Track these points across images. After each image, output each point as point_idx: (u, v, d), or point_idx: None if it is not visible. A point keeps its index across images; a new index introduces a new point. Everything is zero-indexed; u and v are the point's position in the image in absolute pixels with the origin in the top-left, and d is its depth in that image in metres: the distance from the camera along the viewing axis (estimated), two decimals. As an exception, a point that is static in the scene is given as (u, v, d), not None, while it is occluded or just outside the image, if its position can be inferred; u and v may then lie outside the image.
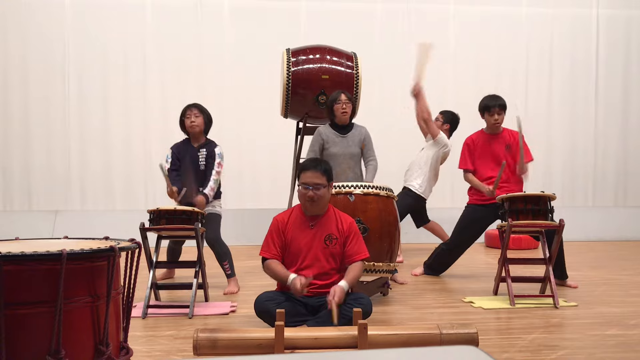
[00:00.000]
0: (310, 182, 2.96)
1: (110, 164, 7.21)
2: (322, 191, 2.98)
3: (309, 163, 3.07)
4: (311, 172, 2.98)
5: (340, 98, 4.30)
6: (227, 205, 6.18)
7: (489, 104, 4.40)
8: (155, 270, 3.59)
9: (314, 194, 2.96)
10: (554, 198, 3.77)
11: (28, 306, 1.62)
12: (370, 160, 4.46)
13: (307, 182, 2.97)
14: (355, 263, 2.98)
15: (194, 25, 7.33)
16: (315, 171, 2.98)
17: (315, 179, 2.97)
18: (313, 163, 3.05)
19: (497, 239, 6.03)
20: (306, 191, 2.97)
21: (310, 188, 2.96)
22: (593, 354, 2.64)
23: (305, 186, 2.98)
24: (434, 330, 2.39)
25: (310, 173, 2.98)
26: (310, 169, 3.00)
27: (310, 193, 2.96)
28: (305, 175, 2.99)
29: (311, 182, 2.96)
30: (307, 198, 2.97)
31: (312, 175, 2.97)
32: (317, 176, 2.97)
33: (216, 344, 2.30)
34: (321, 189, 2.97)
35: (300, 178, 3.03)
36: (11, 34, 7.08)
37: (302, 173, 3.02)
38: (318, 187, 2.96)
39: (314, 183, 2.96)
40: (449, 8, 7.70)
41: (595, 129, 7.98)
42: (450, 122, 5.42)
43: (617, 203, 8.00)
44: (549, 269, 3.75)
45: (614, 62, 7.98)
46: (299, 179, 3.04)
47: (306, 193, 2.97)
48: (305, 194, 2.97)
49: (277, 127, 6.68)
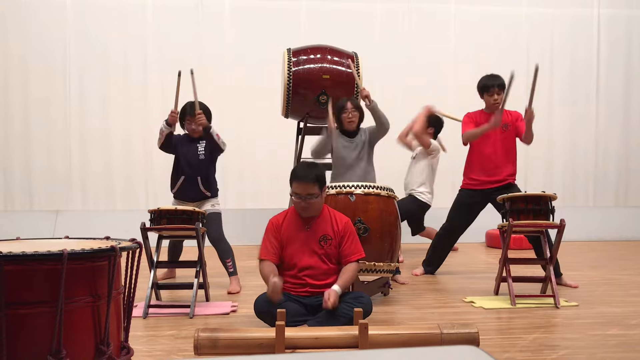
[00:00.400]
0: (302, 194, 2.94)
1: (111, 163, 7.21)
2: (315, 200, 2.96)
3: (300, 172, 2.99)
4: (303, 183, 2.93)
5: (346, 107, 4.23)
6: (227, 205, 6.19)
7: (488, 84, 4.40)
8: (156, 270, 3.59)
9: (307, 204, 2.95)
10: (555, 198, 3.77)
11: (29, 306, 1.62)
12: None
13: (300, 194, 2.94)
14: (350, 265, 2.97)
15: (195, 26, 7.33)
16: (307, 182, 2.93)
17: (307, 190, 2.93)
18: (305, 172, 2.97)
19: (497, 238, 6.03)
20: (299, 201, 2.96)
21: (304, 199, 2.94)
22: (594, 353, 2.64)
23: (297, 197, 2.96)
24: (434, 330, 2.39)
25: (302, 184, 2.93)
26: (302, 179, 2.94)
27: (303, 204, 2.95)
28: (297, 186, 2.95)
29: (304, 193, 2.93)
30: (300, 207, 2.97)
31: (304, 186, 2.93)
32: (309, 187, 2.93)
33: (217, 344, 2.31)
34: (314, 198, 2.95)
35: (292, 186, 2.98)
36: (11, 34, 7.08)
37: (293, 181, 2.97)
38: (310, 197, 2.94)
39: (306, 194, 2.93)
40: (449, 8, 7.70)
41: (596, 129, 7.98)
42: (435, 125, 5.48)
43: (618, 203, 7.99)
44: (549, 269, 3.74)
45: (614, 62, 7.97)
46: (291, 186, 3.00)
47: (299, 202, 2.95)
48: (299, 203, 2.96)
49: (277, 127, 6.68)
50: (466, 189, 4.52)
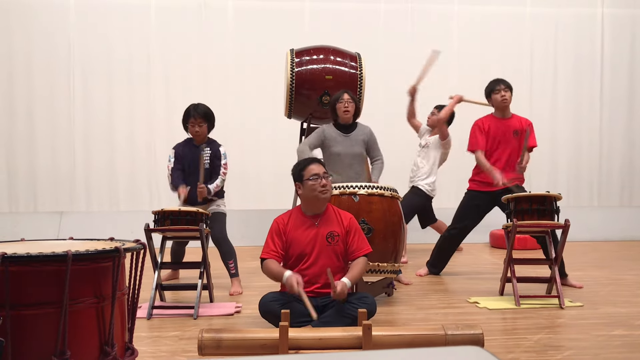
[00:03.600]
0: (320, 172, 3.02)
1: (115, 165, 7.23)
2: (330, 179, 3.07)
3: (307, 159, 3.18)
4: (315, 164, 3.07)
5: (342, 97, 4.25)
6: (231, 206, 6.17)
7: (494, 85, 4.45)
8: (160, 271, 3.60)
9: (327, 182, 3.02)
10: (559, 198, 3.76)
11: (34, 307, 1.63)
12: (376, 160, 4.40)
13: (318, 173, 3.01)
14: (359, 259, 2.99)
15: (198, 26, 7.34)
16: (318, 163, 3.09)
17: (323, 168, 3.08)
18: (309, 159, 3.17)
19: (502, 239, 6.01)
20: (318, 181, 2.99)
21: (322, 177, 3.00)
22: (599, 354, 2.63)
23: (316, 177, 3.00)
24: (439, 331, 2.39)
25: (314, 165, 3.06)
26: (312, 162, 3.09)
27: (324, 181, 3.00)
28: (311, 168, 3.04)
29: (321, 171, 3.04)
30: (322, 187, 3.00)
31: (318, 166, 3.07)
32: (321, 167, 3.08)
33: (221, 345, 2.31)
34: (329, 177, 3.08)
35: (305, 174, 3.03)
36: (16, 34, 7.09)
37: (305, 169, 3.05)
38: (327, 175, 3.06)
39: (323, 172, 3.04)
40: (452, 8, 7.69)
41: (600, 129, 7.94)
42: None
43: (623, 203, 7.96)
44: (554, 269, 3.73)
45: (619, 62, 7.94)
46: (302, 177, 3.04)
47: (319, 183, 3.00)
48: (319, 185, 3.00)
49: (280, 127, 6.68)
50: (473, 191, 4.51)
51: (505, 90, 4.38)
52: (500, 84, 4.42)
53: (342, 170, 4.22)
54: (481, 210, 4.49)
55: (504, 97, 4.37)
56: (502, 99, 4.37)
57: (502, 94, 4.37)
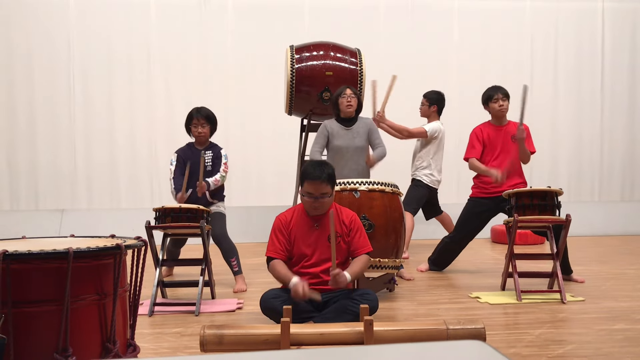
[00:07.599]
0: (315, 193, 2.92)
1: (116, 162, 7.23)
2: (327, 199, 2.96)
3: (312, 171, 2.93)
4: (316, 183, 2.90)
5: (345, 92, 4.27)
6: (232, 203, 6.20)
7: (492, 92, 4.42)
8: (161, 268, 3.60)
9: (319, 204, 2.94)
10: (560, 193, 3.75)
11: (36, 304, 1.63)
12: (377, 146, 4.34)
13: (312, 193, 2.93)
14: (360, 256, 2.98)
15: (198, 23, 7.34)
16: (320, 181, 2.90)
17: (320, 190, 2.92)
18: (317, 172, 2.92)
19: (503, 234, 6.02)
20: (311, 200, 2.94)
21: (316, 197, 2.93)
22: (600, 348, 2.63)
23: (310, 196, 2.94)
24: (440, 326, 2.39)
25: (315, 184, 2.91)
26: (315, 179, 2.90)
27: (315, 203, 2.94)
28: (310, 185, 2.92)
29: (317, 193, 2.92)
30: (312, 207, 2.95)
31: (317, 186, 2.91)
32: (322, 186, 2.91)
33: (223, 341, 2.31)
34: (326, 197, 2.95)
35: (303, 186, 2.96)
36: (15, 33, 7.08)
37: (305, 182, 2.94)
38: (323, 196, 2.94)
39: (319, 194, 2.92)
40: (452, 3, 7.67)
41: (601, 123, 7.94)
42: (437, 102, 5.31)
43: (624, 197, 7.96)
44: (556, 264, 3.73)
45: (619, 56, 7.93)
46: (302, 186, 2.99)
47: (311, 202, 2.94)
48: (311, 203, 2.95)
49: (281, 124, 6.68)
50: (476, 197, 4.49)
51: (503, 100, 4.37)
52: (498, 92, 4.39)
53: (345, 163, 4.23)
54: (484, 217, 4.46)
55: (502, 106, 4.37)
56: (500, 107, 4.37)
57: (500, 103, 4.36)
